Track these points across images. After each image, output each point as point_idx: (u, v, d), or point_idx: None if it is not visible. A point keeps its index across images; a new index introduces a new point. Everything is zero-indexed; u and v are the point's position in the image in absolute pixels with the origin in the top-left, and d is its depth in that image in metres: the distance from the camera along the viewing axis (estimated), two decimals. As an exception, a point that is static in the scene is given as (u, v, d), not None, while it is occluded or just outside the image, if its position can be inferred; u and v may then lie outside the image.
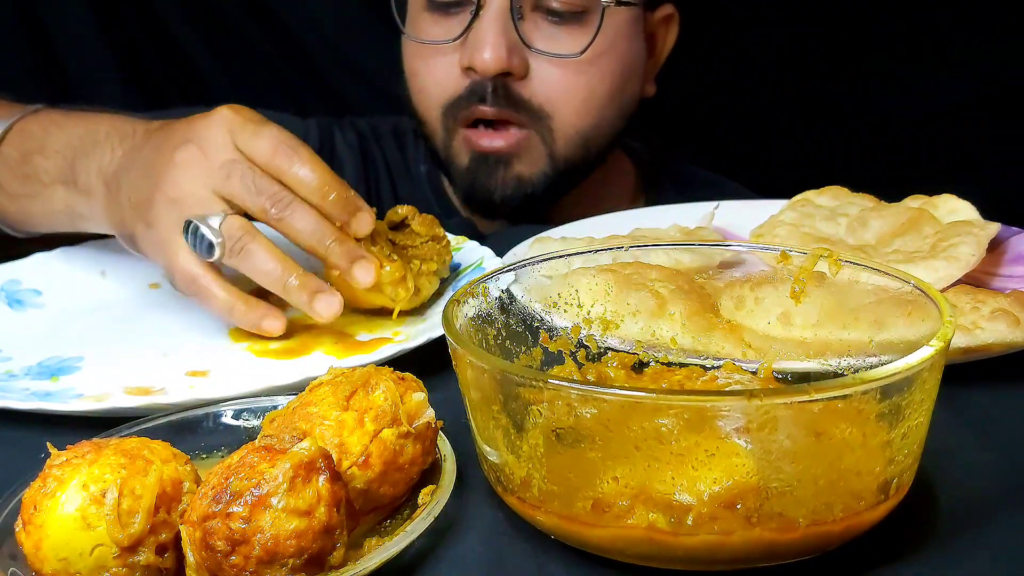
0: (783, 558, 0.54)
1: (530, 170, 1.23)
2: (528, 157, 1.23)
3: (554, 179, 1.24)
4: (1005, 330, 0.74)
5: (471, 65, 1.17)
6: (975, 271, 0.85)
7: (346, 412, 0.59)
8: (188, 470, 0.57)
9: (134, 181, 0.91)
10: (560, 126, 1.22)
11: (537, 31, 1.18)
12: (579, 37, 1.18)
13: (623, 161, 1.44)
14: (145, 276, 1.04)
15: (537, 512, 0.56)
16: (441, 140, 1.26)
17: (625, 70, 1.25)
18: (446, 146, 1.26)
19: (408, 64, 1.27)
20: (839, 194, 1.04)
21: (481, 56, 1.15)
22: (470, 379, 0.59)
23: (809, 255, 0.69)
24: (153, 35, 1.77)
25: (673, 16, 1.34)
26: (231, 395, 0.72)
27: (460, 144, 1.24)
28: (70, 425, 0.72)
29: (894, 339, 0.64)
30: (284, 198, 0.86)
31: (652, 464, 0.52)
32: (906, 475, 0.56)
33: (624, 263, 0.78)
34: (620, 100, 1.26)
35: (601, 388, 0.58)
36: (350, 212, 0.88)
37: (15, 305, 0.98)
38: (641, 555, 0.54)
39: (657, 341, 0.73)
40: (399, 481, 0.60)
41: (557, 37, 1.19)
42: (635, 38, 1.27)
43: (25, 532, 0.53)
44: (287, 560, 0.51)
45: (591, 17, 1.18)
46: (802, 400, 0.51)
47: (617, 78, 1.24)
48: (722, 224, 1.05)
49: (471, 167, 1.24)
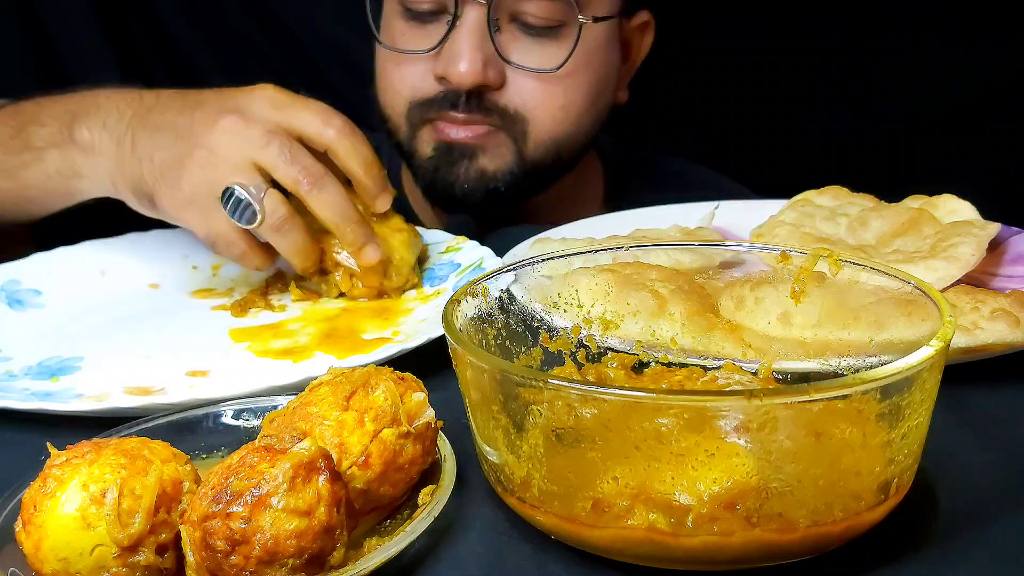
0: (783, 558, 0.54)
1: (496, 165, 1.21)
2: (495, 152, 1.20)
3: (520, 179, 1.22)
4: (1005, 330, 0.74)
5: (446, 76, 1.16)
6: (975, 271, 0.85)
7: (346, 412, 0.59)
8: (188, 470, 0.57)
9: (161, 141, 0.94)
10: (535, 131, 1.20)
11: (514, 43, 1.17)
12: (556, 51, 1.17)
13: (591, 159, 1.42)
14: (145, 276, 1.04)
15: (537, 512, 0.56)
16: (405, 134, 1.24)
17: (601, 80, 1.25)
18: (410, 138, 1.24)
19: (380, 66, 1.26)
20: (839, 194, 1.04)
21: (457, 69, 1.14)
22: (470, 379, 0.59)
23: (809, 255, 0.69)
24: (153, 35, 1.77)
25: (649, 23, 1.33)
26: (231, 395, 0.72)
27: (425, 135, 1.22)
28: (70, 425, 0.72)
29: (894, 339, 0.64)
30: (318, 172, 0.92)
31: (652, 464, 0.52)
32: (906, 475, 0.56)
33: (624, 263, 0.78)
34: (595, 109, 1.25)
35: (601, 388, 0.58)
36: (381, 190, 0.96)
37: (15, 305, 0.98)
38: (641, 555, 0.54)
39: (657, 341, 0.73)
40: (399, 481, 0.60)
41: (533, 50, 1.17)
42: (611, 48, 1.26)
43: (25, 532, 0.53)
44: (287, 560, 0.51)
45: (568, 31, 1.17)
46: (802, 400, 0.51)
47: (593, 89, 1.23)
48: (722, 224, 1.05)
49: (434, 157, 1.22)
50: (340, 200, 0.93)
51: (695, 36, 1.85)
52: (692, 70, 1.86)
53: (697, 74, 1.86)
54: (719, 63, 1.85)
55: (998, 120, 1.79)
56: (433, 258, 1.03)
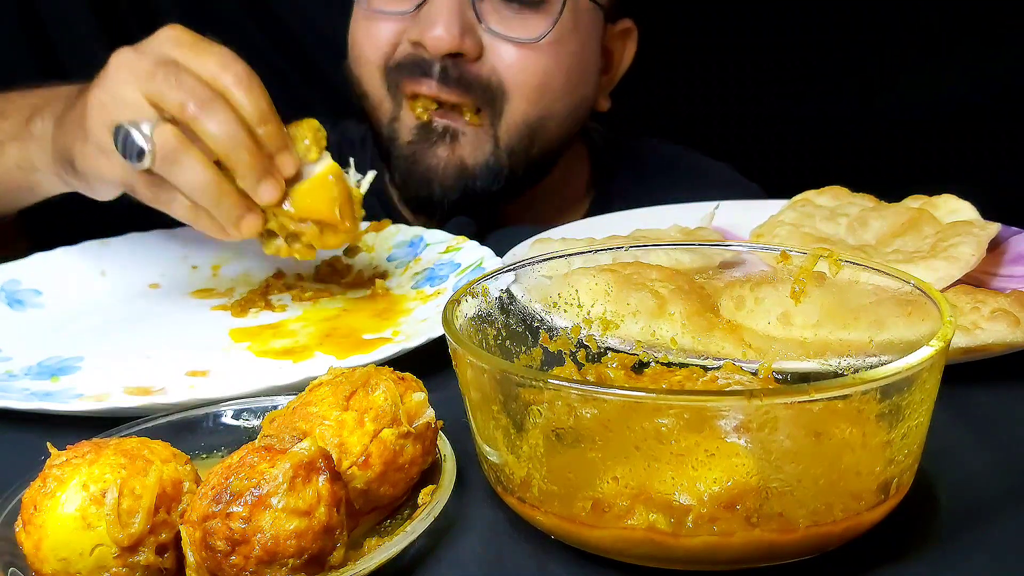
0: (783, 558, 0.54)
1: (473, 157, 1.19)
2: (473, 139, 1.18)
3: (497, 173, 1.20)
4: (1005, 330, 0.74)
5: (420, 40, 1.13)
6: (975, 271, 0.85)
7: (346, 412, 0.59)
8: (188, 470, 0.57)
9: (75, 107, 0.89)
10: (511, 109, 1.17)
11: (494, 13, 1.15)
12: (537, 23, 1.15)
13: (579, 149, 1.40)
14: (145, 276, 1.05)
15: (537, 512, 0.56)
16: (388, 112, 1.21)
17: (581, 64, 1.22)
18: (392, 118, 1.20)
19: (353, 33, 1.22)
20: (839, 194, 1.04)
21: (432, 33, 1.12)
22: (470, 379, 0.59)
23: (809, 255, 0.69)
24: (153, 34, 1.77)
25: (631, 31, 1.31)
26: (231, 395, 0.72)
27: (406, 114, 1.19)
28: (70, 425, 0.72)
29: (894, 339, 0.64)
30: (205, 95, 0.83)
31: (652, 464, 0.52)
32: (906, 475, 0.56)
33: (624, 263, 0.78)
34: (573, 97, 1.22)
35: (601, 388, 0.58)
36: (278, 148, 0.86)
37: (15, 305, 0.98)
38: (641, 555, 0.54)
39: (657, 341, 0.73)
40: (399, 481, 0.60)
41: (515, 21, 1.15)
42: (593, 39, 1.24)
43: (25, 532, 0.53)
44: (287, 560, 0.51)
45: (550, 6, 1.15)
46: (802, 400, 0.51)
47: (573, 70, 1.20)
48: (722, 224, 1.05)
49: (413, 141, 1.19)
50: (231, 126, 0.83)
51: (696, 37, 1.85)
52: (692, 70, 1.86)
53: (697, 74, 1.86)
54: (719, 63, 1.85)
55: (998, 120, 1.79)
56: (433, 258, 1.03)
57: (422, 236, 1.07)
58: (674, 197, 1.13)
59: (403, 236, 1.08)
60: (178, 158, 0.83)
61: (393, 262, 1.05)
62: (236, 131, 0.84)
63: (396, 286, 1.00)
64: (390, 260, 1.06)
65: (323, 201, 0.89)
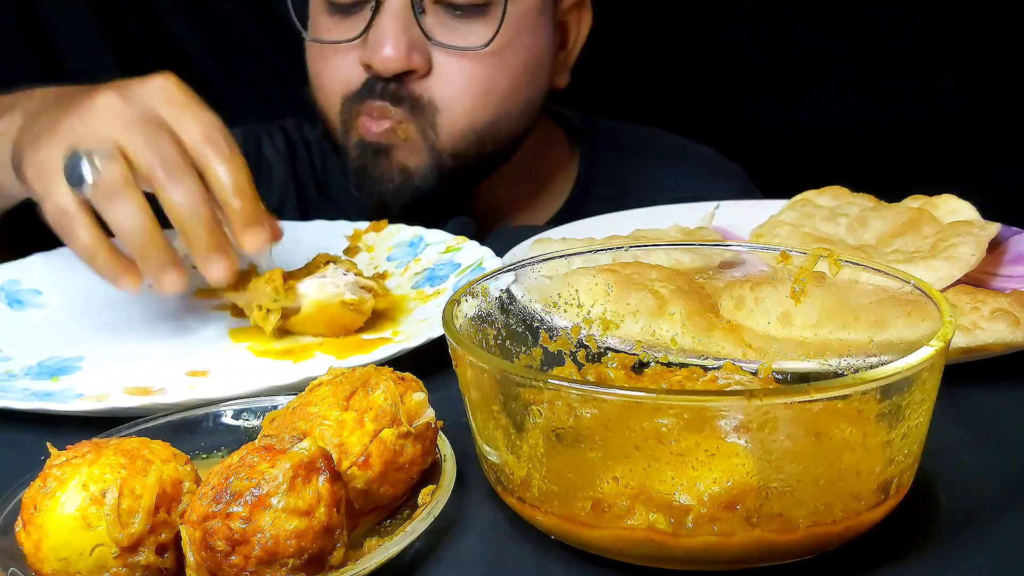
0: (783, 558, 0.54)
1: (414, 161, 1.19)
2: (408, 146, 1.18)
3: (442, 173, 1.20)
4: (1005, 330, 0.74)
5: (370, 63, 1.14)
6: (975, 271, 0.85)
7: (346, 412, 0.59)
8: (188, 470, 0.57)
9: (50, 113, 0.88)
10: (446, 121, 1.17)
11: (440, 25, 1.15)
12: (482, 30, 1.15)
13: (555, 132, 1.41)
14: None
15: (537, 512, 0.56)
16: (340, 133, 1.22)
17: (529, 64, 1.21)
18: (344, 138, 1.22)
19: (311, 66, 1.24)
20: (839, 194, 1.04)
21: (381, 54, 1.12)
22: (470, 379, 0.59)
23: (809, 255, 0.69)
24: (153, 35, 1.77)
25: (584, 3, 1.30)
26: (231, 395, 0.72)
27: (352, 135, 1.20)
28: (70, 425, 0.72)
29: (894, 339, 0.64)
30: (176, 163, 0.82)
31: (652, 464, 0.52)
32: (906, 475, 0.56)
33: (624, 263, 0.78)
34: (523, 95, 1.22)
35: (601, 388, 0.58)
36: (250, 222, 0.85)
37: (15, 305, 0.98)
38: (641, 556, 0.54)
39: (657, 341, 0.73)
40: (399, 481, 0.60)
41: (459, 30, 1.15)
42: (542, 29, 1.23)
43: (25, 532, 0.53)
44: (287, 560, 0.51)
45: (494, 9, 1.15)
46: (802, 400, 0.51)
47: (519, 73, 1.20)
48: (722, 224, 1.05)
49: (357, 157, 1.20)
50: (194, 198, 0.82)
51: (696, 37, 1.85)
52: (692, 71, 1.86)
53: (696, 72, 1.86)
54: (719, 64, 1.85)
55: (998, 120, 1.79)
56: (433, 258, 1.03)
57: (422, 236, 1.07)
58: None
59: (403, 236, 1.08)
60: (117, 195, 0.82)
61: (393, 262, 1.05)
62: (198, 205, 0.83)
63: (396, 286, 1.00)
64: (390, 260, 1.06)
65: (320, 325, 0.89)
